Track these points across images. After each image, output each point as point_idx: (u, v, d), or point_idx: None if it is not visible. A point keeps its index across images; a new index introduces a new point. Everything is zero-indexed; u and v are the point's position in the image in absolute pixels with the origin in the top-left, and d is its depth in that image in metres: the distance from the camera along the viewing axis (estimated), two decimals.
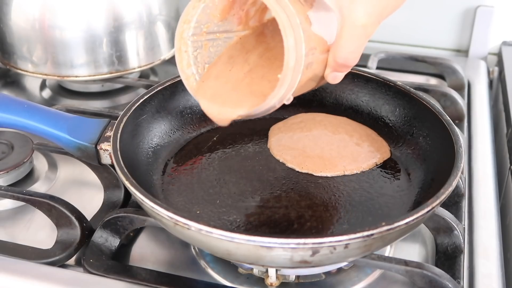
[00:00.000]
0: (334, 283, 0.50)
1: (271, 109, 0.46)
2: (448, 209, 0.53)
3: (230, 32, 0.50)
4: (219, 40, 0.50)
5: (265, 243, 0.40)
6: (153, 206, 0.43)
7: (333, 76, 0.47)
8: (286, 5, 0.42)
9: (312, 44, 0.44)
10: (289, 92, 0.44)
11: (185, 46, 0.48)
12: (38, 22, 0.71)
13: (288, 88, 0.43)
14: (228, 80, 0.49)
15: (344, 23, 0.44)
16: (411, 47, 0.93)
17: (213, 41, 0.49)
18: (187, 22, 0.47)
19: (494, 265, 0.51)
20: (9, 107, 0.55)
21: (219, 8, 0.47)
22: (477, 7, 0.88)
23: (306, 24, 0.43)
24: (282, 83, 0.43)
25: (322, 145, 0.59)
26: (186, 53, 0.48)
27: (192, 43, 0.48)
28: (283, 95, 0.44)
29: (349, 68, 0.46)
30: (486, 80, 0.83)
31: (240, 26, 0.50)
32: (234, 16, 0.48)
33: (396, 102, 0.61)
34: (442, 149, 0.53)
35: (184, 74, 0.49)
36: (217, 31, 0.49)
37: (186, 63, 0.48)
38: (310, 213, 0.51)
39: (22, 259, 0.50)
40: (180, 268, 0.51)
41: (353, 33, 0.44)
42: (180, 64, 0.48)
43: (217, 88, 0.49)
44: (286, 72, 0.43)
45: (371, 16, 0.43)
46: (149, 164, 0.56)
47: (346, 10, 0.43)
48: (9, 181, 0.60)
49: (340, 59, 0.45)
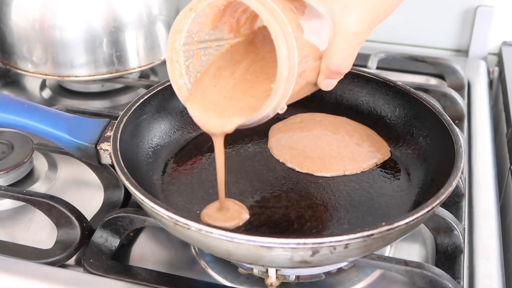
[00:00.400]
0: (334, 283, 0.50)
1: (265, 119, 0.46)
2: (448, 209, 0.53)
3: (222, 40, 0.50)
4: (211, 49, 0.50)
5: (265, 243, 0.40)
6: (153, 206, 0.43)
7: (326, 83, 0.47)
8: (278, 14, 0.42)
9: (305, 52, 0.43)
10: (283, 101, 0.44)
11: (177, 55, 0.47)
12: (38, 22, 0.71)
13: (282, 98, 0.43)
14: (214, 95, 0.49)
15: (336, 30, 0.43)
16: (411, 47, 0.93)
17: (205, 50, 0.49)
18: (178, 32, 0.46)
19: (494, 265, 0.51)
20: (9, 107, 0.55)
21: (210, 17, 0.46)
22: (477, 7, 0.88)
23: (298, 32, 0.43)
24: (275, 93, 0.43)
25: (322, 145, 0.59)
26: (178, 63, 0.48)
27: (183, 52, 0.48)
28: (277, 104, 0.44)
29: (342, 75, 0.46)
30: (486, 80, 0.83)
31: (232, 34, 0.50)
32: (225, 24, 0.48)
33: (396, 102, 0.61)
34: (442, 149, 0.53)
35: (176, 85, 0.49)
36: (208, 39, 0.49)
37: (178, 73, 0.48)
38: (310, 213, 0.51)
39: (22, 259, 0.50)
40: (180, 268, 0.51)
41: (345, 40, 0.43)
42: (172, 75, 0.48)
43: (205, 102, 0.48)
44: (279, 82, 0.42)
45: (363, 23, 0.43)
46: (149, 164, 0.56)
47: (338, 17, 0.43)
48: (9, 181, 0.60)
49: (332, 66, 0.45)
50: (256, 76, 0.49)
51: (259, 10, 0.42)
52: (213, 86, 0.49)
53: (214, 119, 0.47)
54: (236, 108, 0.47)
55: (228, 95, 0.48)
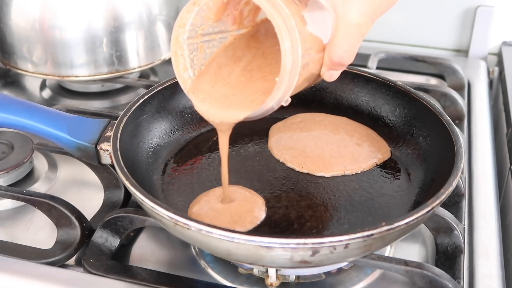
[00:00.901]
0: (334, 283, 0.50)
1: (270, 111, 0.46)
2: (448, 209, 0.53)
3: (225, 32, 0.50)
4: (214, 41, 0.50)
5: (265, 243, 0.40)
6: (153, 206, 0.43)
7: (329, 75, 0.47)
8: (281, 8, 0.42)
9: (308, 44, 0.44)
10: (287, 94, 0.44)
11: (181, 49, 0.48)
12: (38, 22, 0.71)
13: (286, 90, 0.44)
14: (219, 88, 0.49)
15: (339, 22, 0.44)
16: (411, 47, 0.93)
17: (208, 42, 0.49)
18: (182, 26, 0.47)
19: (494, 265, 0.51)
20: (9, 107, 0.55)
21: (213, 10, 0.47)
22: (477, 7, 0.88)
23: (301, 25, 0.43)
24: (279, 86, 0.43)
25: (322, 145, 0.59)
26: (182, 57, 0.48)
27: (187, 46, 0.48)
28: (281, 97, 0.44)
29: (344, 66, 0.46)
30: (486, 80, 0.83)
31: (235, 26, 0.50)
32: (228, 17, 0.49)
33: (396, 102, 0.61)
34: (442, 149, 0.53)
35: (181, 78, 0.49)
36: (212, 32, 0.49)
37: (182, 67, 0.49)
38: (310, 213, 0.51)
39: (22, 259, 0.50)
40: (180, 268, 0.51)
41: (347, 32, 0.44)
42: (177, 68, 0.49)
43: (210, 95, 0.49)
44: (283, 75, 0.43)
45: (365, 15, 0.43)
46: (149, 164, 0.56)
47: (340, 9, 0.43)
48: (9, 181, 0.60)
49: (335, 58, 0.45)
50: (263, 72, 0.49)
51: (262, 4, 0.42)
52: (217, 79, 0.49)
53: (219, 112, 0.48)
54: (241, 102, 0.47)
55: (233, 89, 0.48)
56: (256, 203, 0.51)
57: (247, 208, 0.51)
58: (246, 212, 0.50)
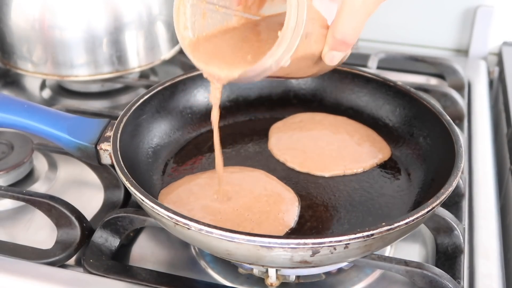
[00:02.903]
0: (334, 283, 0.50)
1: (268, 71, 0.45)
2: (448, 209, 0.53)
3: (229, 10, 0.50)
4: (218, 14, 0.50)
5: (265, 243, 0.40)
6: (153, 206, 0.43)
7: (331, 56, 0.47)
8: None
9: (312, 14, 0.43)
10: (287, 54, 0.43)
11: (184, 7, 0.48)
12: (38, 22, 0.71)
13: (287, 49, 0.43)
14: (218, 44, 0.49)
15: (345, 0, 0.44)
16: (411, 47, 0.93)
17: (212, 13, 0.49)
18: None
19: (494, 265, 0.51)
20: (9, 107, 0.55)
21: None
22: (477, 7, 0.88)
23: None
24: (280, 42, 0.42)
25: (322, 145, 0.59)
26: (184, 16, 0.48)
27: (191, 6, 0.48)
28: (281, 56, 0.43)
29: (347, 46, 0.46)
30: (486, 80, 0.83)
31: (240, 7, 0.50)
32: None
33: (396, 102, 0.61)
34: (442, 149, 0.53)
35: (180, 34, 0.49)
36: (217, 3, 0.49)
37: (183, 25, 0.48)
38: (310, 213, 0.51)
39: (22, 259, 0.50)
40: (180, 268, 0.51)
41: (352, 9, 0.44)
42: (177, 25, 0.48)
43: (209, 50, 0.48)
44: (285, 31, 0.42)
45: None
46: (149, 164, 0.56)
47: None
48: (9, 181, 0.60)
49: (338, 34, 0.45)
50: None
51: None
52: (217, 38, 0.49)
53: (217, 67, 0.47)
54: (239, 57, 0.47)
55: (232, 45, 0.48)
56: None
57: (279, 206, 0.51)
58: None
